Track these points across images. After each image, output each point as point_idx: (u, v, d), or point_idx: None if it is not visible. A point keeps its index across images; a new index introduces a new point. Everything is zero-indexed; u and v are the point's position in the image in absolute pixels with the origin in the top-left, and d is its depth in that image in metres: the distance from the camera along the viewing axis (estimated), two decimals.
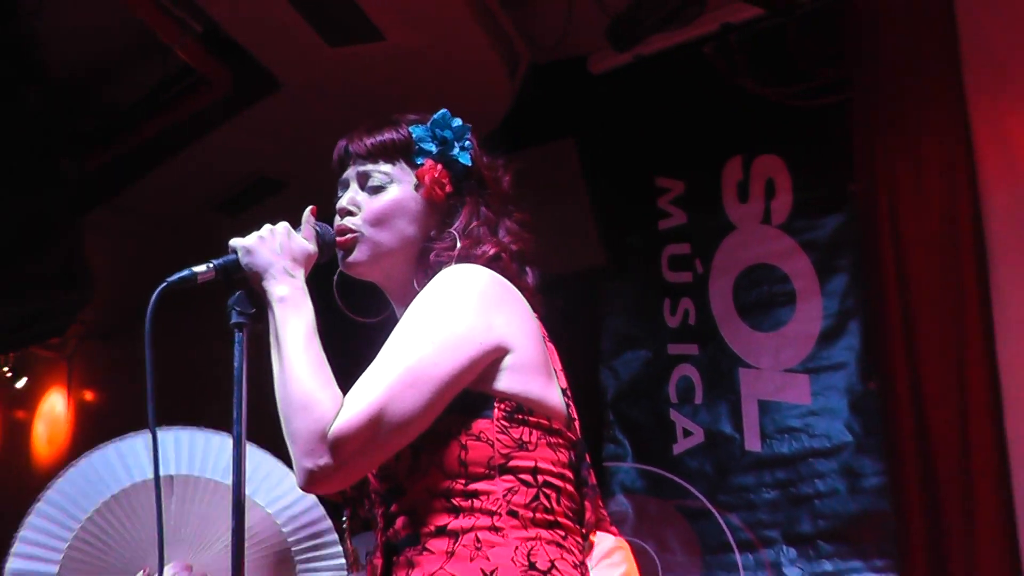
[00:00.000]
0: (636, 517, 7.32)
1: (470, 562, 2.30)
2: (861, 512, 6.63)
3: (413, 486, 2.41)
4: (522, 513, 2.37)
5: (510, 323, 2.46)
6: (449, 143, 2.65)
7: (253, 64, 6.75)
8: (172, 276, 2.42)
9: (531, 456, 2.41)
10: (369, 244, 2.60)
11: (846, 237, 7.03)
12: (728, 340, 7.30)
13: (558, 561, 2.35)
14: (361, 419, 2.27)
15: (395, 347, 2.38)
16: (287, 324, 2.39)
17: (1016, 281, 6.35)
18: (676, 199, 7.59)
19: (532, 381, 2.45)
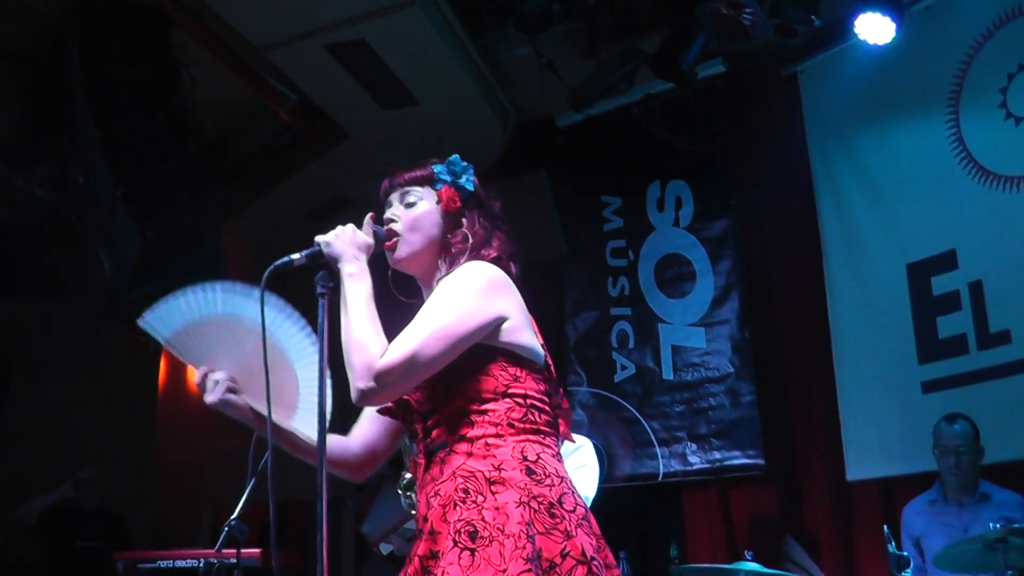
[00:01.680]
0: (589, 423, 7.35)
1: (483, 459, 2.38)
2: (739, 419, 6.76)
3: (445, 407, 2.47)
4: (517, 424, 2.43)
5: (507, 300, 2.52)
6: (459, 175, 2.70)
7: (331, 122, 6.80)
8: (277, 261, 2.50)
9: (522, 386, 2.47)
10: (407, 244, 2.64)
11: (729, 235, 7.10)
12: (651, 305, 7.37)
13: (542, 454, 2.42)
14: (399, 359, 2.35)
15: (427, 313, 2.44)
16: (353, 291, 2.46)
17: (840, 260, 6.51)
18: (615, 210, 7.67)
19: (522, 337, 2.52)
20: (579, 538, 2.31)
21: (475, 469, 2.38)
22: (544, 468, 2.39)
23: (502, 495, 2.32)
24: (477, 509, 2.31)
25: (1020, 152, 5.73)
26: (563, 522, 2.31)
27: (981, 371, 5.70)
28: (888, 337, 6.17)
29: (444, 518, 2.36)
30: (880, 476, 6.07)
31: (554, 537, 2.28)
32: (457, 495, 2.36)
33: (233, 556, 4.07)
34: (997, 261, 5.73)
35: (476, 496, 2.34)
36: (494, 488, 2.34)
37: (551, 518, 2.31)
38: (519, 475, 2.35)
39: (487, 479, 2.35)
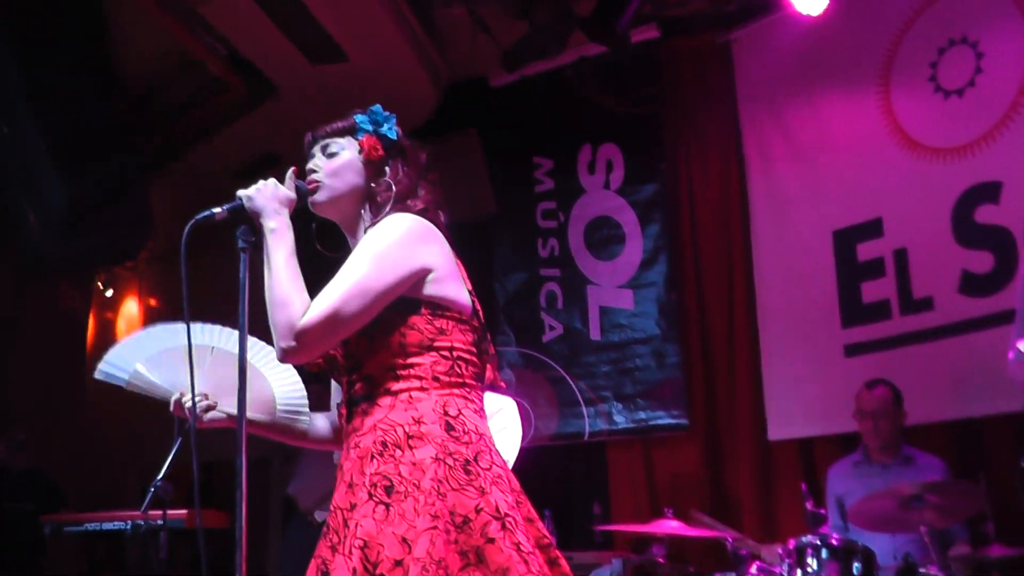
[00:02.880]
0: (517, 383, 7.26)
1: (404, 412, 2.35)
2: (664, 379, 6.77)
3: (368, 361, 2.43)
4: (442, 378, 2.40)
5: (431, 251, 2.48)
6: (380, 124, 2.65)
7: (260, 76, 6.72)
8: (198, 215, 2.46)
9: (448, 339, 2.43)
10: (328, 189, 2.60)
11: (658, 198, 7.08)
12: (580, 266, 7.35)
13: (464, 409, 2.39)
14: (320, 317, 2.32)
15: (349, 268, 2.40)
16: (275, 247, 2.42)
17: (767, 226, 6.54)
18: (547, 171, 7.61)
19: (447, 288, 2.47)
20: (494, 495, 2.28)
21: (395, 423, 2.35)
22: (464, 424, 2.37)
23: (419, 450, 2.30)
24: (394, 463, 2.29)
25: (948, 125, 5.80)
26: (478, 479, 2.28)
27: (903, 336, 5.79)
28: (812, 301, 6.21)
29: (362, 470, 2.34)
30: (801, 436, 6.14)
31: (468, 493, 2.25)
32: (375, 447, 2.34)
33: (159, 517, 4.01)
34: (921, 229, 5.81)
35: (394, 450, 2.32)
36: (412, 443, 2.31)
37: (466, 475, 2.28)
38: (438, 430, 2.33)
39: (406, 433, 2.33)
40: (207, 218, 2.47)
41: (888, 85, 6.11)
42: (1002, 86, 5.62)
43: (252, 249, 2.46)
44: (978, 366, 5.33)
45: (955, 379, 5.51)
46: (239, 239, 2.46)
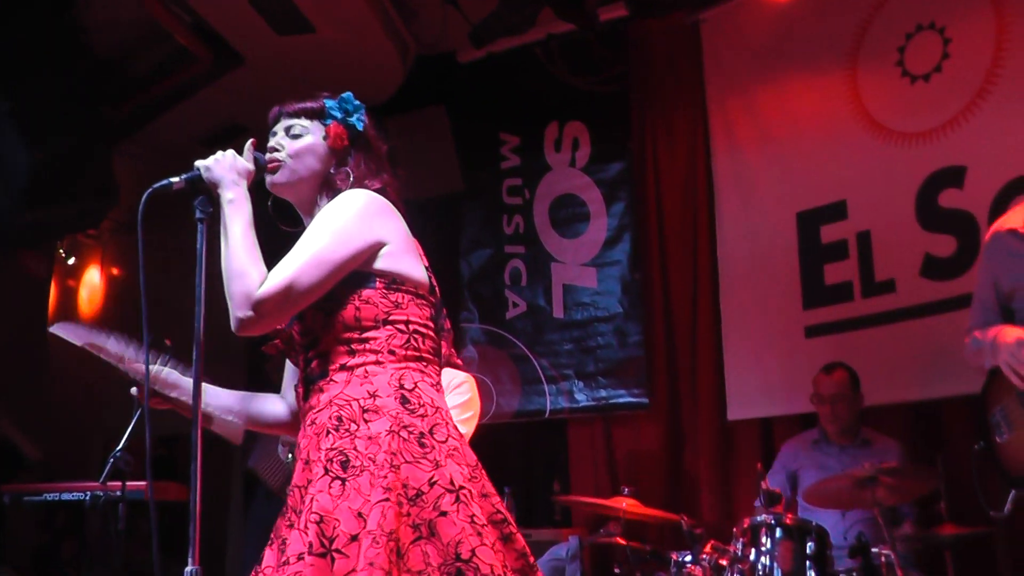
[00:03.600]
0: (480, 360, 7.34)
1: (359, 386, 2.36)
2: (626, 358, 6.80)
3: (324, 337, 2.45)
4: (398, 352, 2.42)
5: (384, 225, 2.50)
6: (350, 113, 2.66)
7: (226, 46, 6.66)
8: (155, 184, 2.47)
9: (404, 313, 2.45)
10: (288, 170, 2.60)
11: (624, 177, 7.09)
12: (544, 243, 7.34)
13: (420, 383, 2.41)
14: (277, 288, 2.33)
15: (305, 241, 2.41)
16: (232, 218, 2.43)
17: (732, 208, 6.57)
18: (513, 148, 7.58)
19: (402, 262, 2.49)
20: (448, 467, 2.30)
21: (351, 397, 2.36)
22: (419, 397, 2.38)
23: (375, 424, 2.31)
24: (350, 438, 2.31)
25: (914, 110, 5.85)
26: (433, 452, 2.30)
27: (864, 318, 5.85)
28: (775, 283, 6.27)
29: (318, 446, 2.35)
30: (760, 416, 6.20)
31: (422, 466, 2.27)
32: (331, 423, 2.35)
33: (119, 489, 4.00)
34: (885, 213, 5.86)
35: (349, 424, 2.33)
36: (367, 416, 2.33)
37: (420, 447, 2.29)
38: (393, 403, 2.34)
39: (361, 407, 2.34)
40: (164, 188, 2.48)
41: (855, 69, 6.15)
42: (968, 72, 5.67)
43: (210, 219, 2.46)
44: (938, 349, 5.40)
45: (914, 362, 5.58)
46: (196, 209, 2.46)
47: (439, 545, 2.20)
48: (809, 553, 4.17)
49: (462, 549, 2.20)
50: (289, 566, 2.20)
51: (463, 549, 2.20)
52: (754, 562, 4.22)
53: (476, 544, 2.21)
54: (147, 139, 7.44)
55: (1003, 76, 5.52)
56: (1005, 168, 5.38)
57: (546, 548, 5.84)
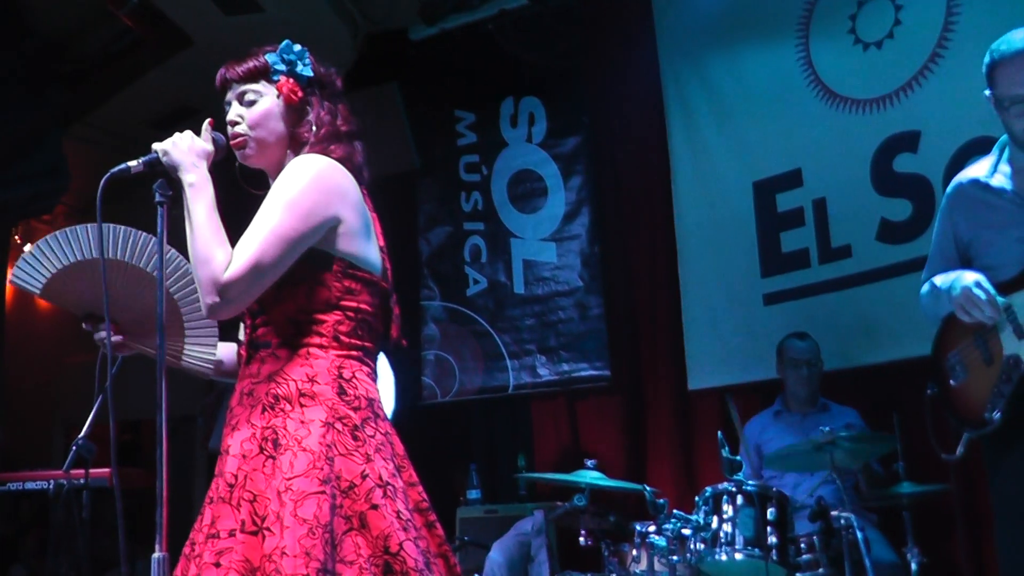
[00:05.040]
0: (442, 338, 7.43)
1: (300, 367, 2.39)
2: (587, 331, 6.89)
3: (273, 309, 2.46)
4: (342, 339, 2.44)
5: (341, 201, 2.47)
6: (295, 63, 2.64)
7: (173, 27, 6.63)
8: (113, 168, 2.45)
9: (355, 300, 2.47)
10: (254, 142, 2.60)
11: (581, 151, 7.15)
12: (503, 219, 7.41)
13: (358, 373, 2.43)
14: (242, 270, 2.32)
15: (262, 218, 2.40)
16: (195, 202, 2.42)
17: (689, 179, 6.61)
18: (469, 125, 7.64)
19: (356, 243, 2.49)
20: (377, 463, 2.34)
21: (289, 377, 2.39)
22: (356, 388, 2.41)
23: (309, 410, 2.35)
24: (283, 417, 2.34)
25: (866, 76, 5.91)
26: (364, 446, 2.34)
27: (821, 284, 5.94)
28: (733, 252, 6.33)
29: (249, 419, 2.38)
30: (720, 385, 6.24)
31: (355, 459, 2.31)
32: (267, 399, 2.38)
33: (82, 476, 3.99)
34: (840, 180, 5.93)
35: (284, 404, 2.36)
36: (303, 400, 2.36)
37: (354, 440, 2.34)
38: (330, 392, 2.37)
39: (298, 390, 2.37)
40: (123, 172, 2.47)
41: (808, 37, 6.21)
42: (920, 38, 5.73)
43: (169, 202, 2.45)
44: (894, 312, 5.51)
45: (870, 325, 5.68)
46: (156, 193, 2.45)
47: (369, 537, 2.26)
48: (771, 519, 4.23)
49: (391, 543, 2.26)
50: (220, 540, 2.24)
51: (392, 543, 2.26)
52: (716, 529, 4.27)
53: (403, 538, 2.27)
54: (97, 122, 7.40)
55: (954, 41, 5.58)
56: (959, 132, 5.43)
57: (512, 523, 5.90)
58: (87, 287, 2.69)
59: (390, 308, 2.64)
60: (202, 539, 2.29)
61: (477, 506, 6.46)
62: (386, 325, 2.63)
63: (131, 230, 2.68)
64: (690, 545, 4.30)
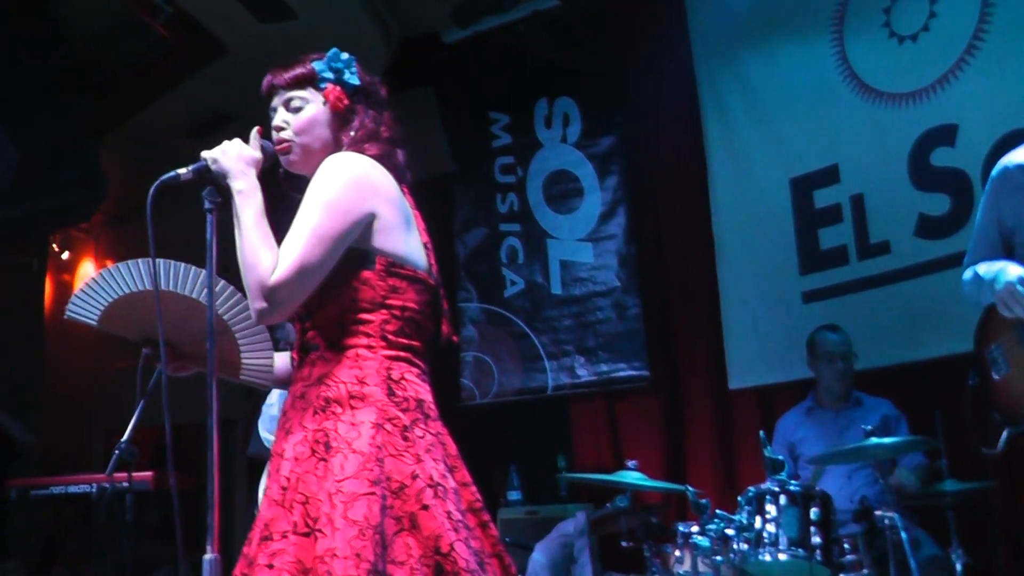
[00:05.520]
0: (480, 340, 7.47)
1: (349, 369, 2.39)
2: (625, 332, 6.89)
3: (319, 312, 2.46)
4: (390, 338, 2.44)
5: (376, 195, 2.48)
6: (342, 71, 2.66)
7: (208, 35, 6.67)
8: (163, 176, 2.46)
9: (401, 298, 2.46)
10: (300, 148, 2.62)
11: (616, 151, 7.16)
12: (539, 220, 7.44)
13: (407, 374, 2.43)
14: (288, 273, 2.34)
15: (302, 219, 2.41)
16: (244, 209, 2.44)
17: (725, 176, 6.60)
18: (504, 127, 7.67)
19: (396, 239, 2.49)
20: (427, 463, 2.34)
21: (340, 379, 2.40)
22: (405, 390, 2.42)
23: (360, 412, 2.36)
24: (334, 420, 2.35)
25: (903, 70, 5.88)
26: (414, 446, 2.35)
27: (860, 280, 5.91)
28: (770, 250, 6.32)
29: (302, 423, 2.40)
30: (760, 384, 6.26)
31: (405, 460, 2.32)
32: (318, 403, 2.40)
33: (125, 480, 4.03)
34: (878, 175, 5.90)
35: (335, 407, 2.37)
36: (353, 403, 2.37)
37: (404, 441, 2.34)
38: (379, 393, 2.38)
39: (348, 392, 2.38)
40: (172, 180, 2.49)
41: (842, 32, 6.18)
42: (956, 29, 5.69)
43: (218, 209, 2.47)
44: (933, 309, 5.47)
45: (910, 322, 5.64)
46: (205, 200, 2.47)
47: (420, 538, 2.26)
48: (814, 519, 4.20)
49: (442, 543, 2.26)
50: (273, 542, 2.27)
51: (443, 543, 2.26)
52: (760, 530, 4.25)
53: (454, 539, 2.28)
54: (132, 132, 7.45)
55: (991, 32, 5.54)
56: (997, 124, 5.39)
57: (553, 524, 5.90)
58: (140, 316, 2.75)
59: (439, 304, 2.64)
60: (256, 541, 2.32)
61: (518, 507, 6.47)
62: (436, 322, 2.63)
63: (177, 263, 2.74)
64: (733, 545, 4.28)
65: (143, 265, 2.71)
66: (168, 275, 2.70)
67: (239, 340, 2.79)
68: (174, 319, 2.69)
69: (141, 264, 2.72)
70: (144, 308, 2.72)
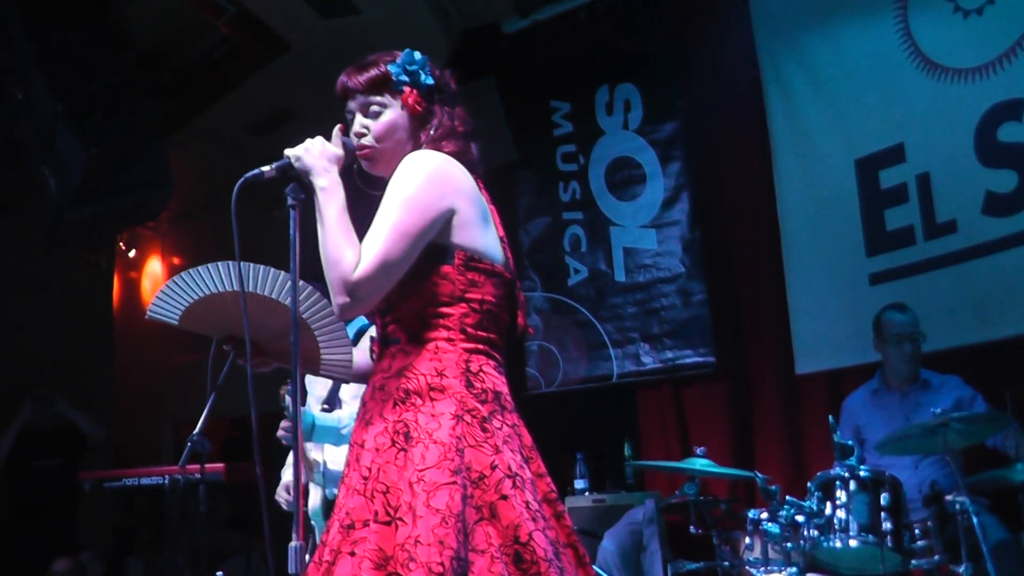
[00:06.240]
0: (544, 329, 7.48)
1: (428, 361, 2.44)
2: (690, 318, 6.86)
3: (399, 307, 2.52)
4: (469, 331, 2.48)
5: (456, 191, 2.52)
6: (416, 73, 2.67)
7: (270, 33, 6.73)
8: (248, 173, 2.54)
9: (479, 292, 2.50)
10: (380, 152, 2.66)
11: (678, 136, 7.11)
12: (602, 208, 7.42)
13: (484, 367, 2.47)
14: (370, 268, 2.39)
15: (383, 216, 2.46)
16: (327, 206, 2.49)
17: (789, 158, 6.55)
18: (565, 115, 7.65)
19: (474, 234, 2.53)
20: (505, 454, 2.39)
21: (420, 372, 2.44)
22: (483, 382, 2.46)
23: (440, 403, 2.40)
24: (414, 411, 2.40)
25: (968, 45, 5.80)
26: (493, 437, 2.39)
27: (927, 261, 5.85)
28: (836, 232, 6.27)
29: (382, 414, 2.45)
30: (828, 368, 6.22)
31: (484, 450, 2.37)
32: (398, 394, 2.44)
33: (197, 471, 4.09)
34: (944, 153, 5.83)
35: (415, 398, 2.41)
36: (433, 395, 2.41)
37: (483, 432, 2.39)
38: (458, 385, 2.42)
39: (428, 384, 2.42)
40: (256, 177, 2.56)
41: (906, 7, 6.11)
42: (1022, 2, 5.59)
43: (301, 206, 2.53)
44: (1002, 287, 5.42)
45: (979, 302, 5.58)
46: (288, 196, 2.53)
47: (499, 527, 2.31)
48: (884, 505, 4.18)
49: (521, 532, 2.31)
50: (355, 531, 2.33)
51: (522, 532, 2.31)
52: (830, 516, 4.24)
53: (531, 528, 2.32)
54: (197, 129, 7.56)
55: None
56: None
57: (621, 512, 5.92)
58: (221, 314, 2.81)
59: (515, 297, 2.67)
60: (336, 528, 2.39)
61: (585, 495, 6.48)
62: (512, 315, 2.67)
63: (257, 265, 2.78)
64: (803, 532, 4.29)
65: (223, 267, 2.76)
66: (249, 276, 2.75)
67: (318, 336, 2.84)
68: (255, 317, 2.75)
69: (221, 266, 2.77)
70: (224, 307, 2.79)
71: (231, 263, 2.70)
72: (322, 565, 2.36)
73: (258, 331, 2.82)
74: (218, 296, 2.79)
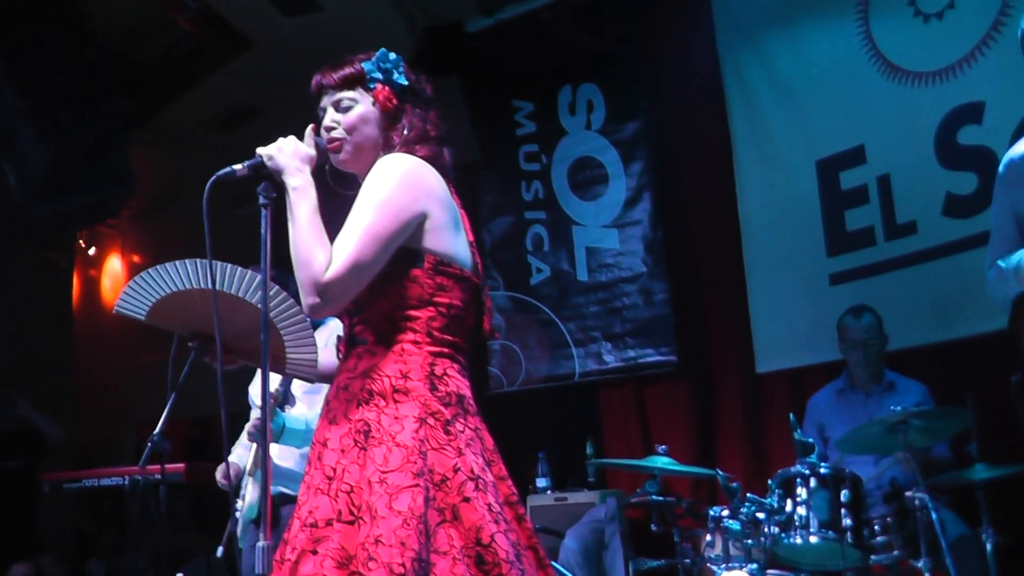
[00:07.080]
0: (507, 328, 7.47)
1: (394, 364, 2.46)
2: (652, 317, 6.88)
3: (368, 308, 2.53)
4: (435, 335, 2.50)
5: (428, 196, 2.53)
6: (390, 71, 2.69)
7: (233, 30, 6.70)
8: (220, 171, 2.53)
9: (447, 296, 2.52)
10: (350, 146, 2.67)
11: (640, 137, 7.12)
12: (565, 208, 7.42)
13: (449, 370, 2.49)
14: (341, 269, 2.40)
15: (355, 217, 2.47)
16: (298, 206, 2.50)
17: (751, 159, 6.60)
18: (528, 114, 7.65)
19: (445, 239, 2.54)
20: (468, 457, 2.41)
21: (384, 373, 2.46)
22: (447, 385, 2.48)
23: (404, 406, 2.42)
24: (377, 412, 2.41)
25: (929, 48, 5.85)
26: (456, 440, 2.41)
27: (888, 261, 5.91)
28: (797, 232, 6.31)
29: (346, 414, 2.46)
30: (789, 367, 6.26)
31: (447, 453, 2.39)
32: (362, 395, 2.46)
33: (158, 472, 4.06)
34: (904, 155, 5.89)
35: (379, 399, 2.43)
36: (397, 397, 2.43)
37: (446, 435, 2.41)
38: (423, 388, 2.44)
39: (392, 386, 2.44)
40: (228, 175, 2.55)
41: (867, 11, 6.16)
42: (982, 5, 5.66)
43: (272, 205, 2.53)
44: (962, 288, 5.46)
45: (938, 302, 5.64)
46: (260, 195, 2.52)
47: (462, 529, 2.34)
48: (844, 501, 4.21)
49: (483, 534, 2.34)
50: (318, 529, 2.34)
51: (484, 534, 2.34)
52: (791, 513, 4.26)
53: (494, 530, 2.35)
54: (160, 126, 7.49)
55: (1017, 7, 5.49)
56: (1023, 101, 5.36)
57: (583, 511, 5.93)
58: (187, 311, 2.83)
59: (482, 302, 2.70)
60: (298, 527, 2.39)
61: (547, 494, 6.48)
62: (478, 319, 2.69)
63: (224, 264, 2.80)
64: (764, 529, 4.31)
65: (191, 264, 2.78)
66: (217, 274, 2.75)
67: (284, 336, 2.85)
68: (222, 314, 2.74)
69: (189, 263, 2.78)
70: (192, 304, 2.80)
71: (200, 260, 2.71)
72: (284, 563, 2.36)
73: (225, 329, 2.80)
74: (186, 293, 2.80)
